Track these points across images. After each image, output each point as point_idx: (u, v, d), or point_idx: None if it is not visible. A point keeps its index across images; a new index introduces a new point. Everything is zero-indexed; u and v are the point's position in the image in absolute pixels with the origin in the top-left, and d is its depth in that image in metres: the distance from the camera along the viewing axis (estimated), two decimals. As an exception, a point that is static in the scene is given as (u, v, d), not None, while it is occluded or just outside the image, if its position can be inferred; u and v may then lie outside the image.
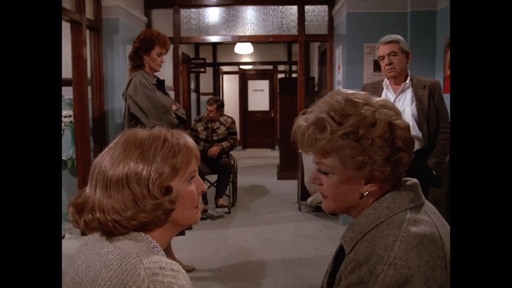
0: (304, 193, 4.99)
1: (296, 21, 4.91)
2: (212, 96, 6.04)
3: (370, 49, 4.15)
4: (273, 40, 5.08)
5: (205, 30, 5.02)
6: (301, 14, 4.85)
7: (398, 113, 0.97)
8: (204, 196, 4.50)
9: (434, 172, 2.55)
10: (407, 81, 2.56)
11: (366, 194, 0.96)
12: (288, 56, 8.29)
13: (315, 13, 4.95)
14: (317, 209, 4.89)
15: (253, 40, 5.19)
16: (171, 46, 5.53)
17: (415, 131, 2.50)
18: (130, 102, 2.78)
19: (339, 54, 4.57)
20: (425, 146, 2.53)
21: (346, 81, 4.22)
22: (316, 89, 6.55)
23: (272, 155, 9.24)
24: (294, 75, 8.98)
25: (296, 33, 4.93)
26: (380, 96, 2.59)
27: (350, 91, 1.00)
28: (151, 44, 2.82)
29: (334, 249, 1.08)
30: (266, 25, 4.99)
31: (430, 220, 0.92)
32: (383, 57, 2.53)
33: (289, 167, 6.67)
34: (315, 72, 6.71)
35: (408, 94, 2.54)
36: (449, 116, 2.63)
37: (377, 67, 4.18)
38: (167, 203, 0.89)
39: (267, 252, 3.60)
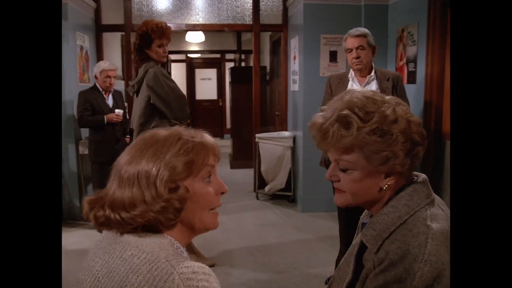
0: (261, 182, 5.05)
1: (251, 11, 4.89)
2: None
3: (327, 40, 4.25)
4: (228, 29, 5.03)
5: (158, 17, 4.86)
6: (256, 3, 4.84)
7: (410, 110, 1.02)
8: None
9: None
10: (372, 73, 2.66)
11: (385, 187, 1.00)
12: (238, 45, 8.25)
13: (270, 3, 4.96)
14: (274, 197, 4.98)
15: (208, 29, 5.10)
16: (121, 34, 5.34)
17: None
18: (151, 93, 2.69)
19: (294, 44, 4.63)
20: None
21: (303, 71, 4.30)
22: (267, 78, 6.59)
23: (222, 144, 9.22)
24: (243, 64, 8.98)
25: (251, 23, 4.92)
26: (346, 87, 2.68)
27: (363, 90, 1.04)
28: (149, 38, 2.75)
29: (296, 236, 1.10)
30: (220, 13, 4.93)
31: (444, 214, 0.99)
32: (351, 50, 2.61)
33: (242, 156, 6.70)
34: (266, 61, 6.75)
35: (373, 85, 2.65)
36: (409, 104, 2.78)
37: (333, 58, 4.31)
38: (175, 201, 0.86)
39: (231, 242, 3.62)
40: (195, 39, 7.91)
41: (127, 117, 4.02)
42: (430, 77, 3.40)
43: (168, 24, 2.88)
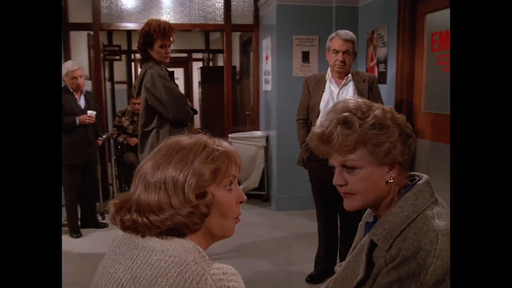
0: (234, 182, 5.06)
1: (222, 10, 4.89)
2: (131, 86, 5.78)
3: (299, 40, 4.31)
4: (199, 29, 5.00)
5: (127, 16, 4.77)
6: (227, 3, 4.85)
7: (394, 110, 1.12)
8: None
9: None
10: (349, 75, 2.73)
11: (391, 180, 1.07)
12: (206, 44, 8.20)
13: (241, 3, 4.98)
14: (247, 197, 4.94)
15: (178, 28, 5.03)
16: (87, 33, 5.19)
17: (358, 121, 2.69)
18: (148, 94, 2.66)
19: (266, 44, 4.66)
20: (366, 134, 2.74)
21: (276, 72, 4.34)
22: (237, 77, 6.60)
23: (190, 144, 9.15)
24: (211, 63, 8.93)
25: (222, 22, 4.91)
26: (324, 88, 2.74)
27: (351, 98, 1.16)
28: (151, 38, 2.70)
29: (274, 235, 1.14)
30: (191, 13, 4.89)
31: (447, 212, 1.05)
32: (337, 52, 2.65)
33: (213, 156, 6.68)
34: (236, 61, 6.76)
35: (350, 87, 2.72)
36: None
37: (305, 58, 4.37)
38: (203, 207, 0.89)
39: (209, 243, 3.61)
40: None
41: (99, 119, 3.93)
42: (401, 77, 3.52)
43: (140, 23, 2.85)
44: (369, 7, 4.07)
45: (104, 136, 4.30)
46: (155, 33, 2.69)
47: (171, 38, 2.76)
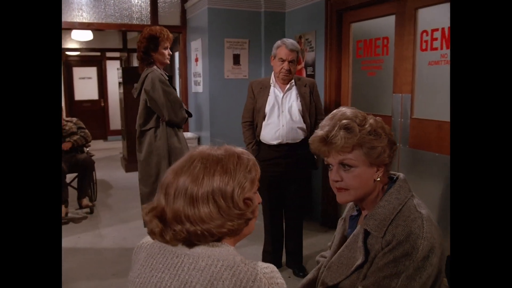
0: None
1: (148, 10, 4.82)
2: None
3: (230, 43, 4.43)
4: (126, 29, 4.88)
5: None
6: (154, 4, 4.79)
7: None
8: (65, 199, 4.13)
9: (315, 156, 3.00)
10: (292, 80, 2.92)
11: (378, 179, 1.27)
12: (124, 44, 7.93)
13: (167, 4, 4.95)
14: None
15: (104, 28, 4.85)
16: None
17: (301, 123, 2.89)
18: (148, 97, 2.88)
19: (196, 46, 4.71)
20: (308, 135, 2.95)
21: (208, 73, 4.41)
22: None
23: (107, 147, 8.78)
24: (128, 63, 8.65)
25: (149, 23, 4.84)
26: (268, 92, 2.90)
27: (348, 108, 1.33)
28: (157, 41, 2.91)
29: None
30: (115, 12, 4.75)
31: (422, 202, 1.26)
32: (284, 61, 2.81)
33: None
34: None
35: (293, 92, 2.91)
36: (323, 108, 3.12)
37: (236, 61, 4.50)
38: (249, 212, 1.00)
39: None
40: (83, 37, 7.38)
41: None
42: (329, 80, 3.82)
43: (65, 21, 2.85)
44: (296, 13, 4.32)
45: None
46: (161, 35, 2.92)
47: (171, 41, 2.99)
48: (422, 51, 2.96)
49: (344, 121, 1.23)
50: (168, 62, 3.05)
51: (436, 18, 2.84)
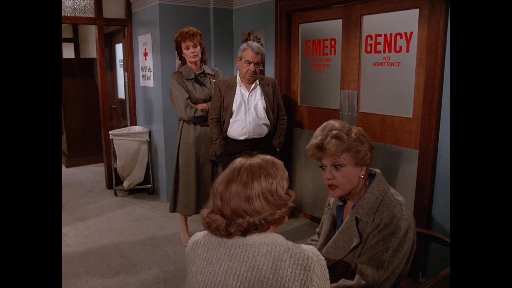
0: (117, 179, 5.04)
1: (92, 2, 4.73)
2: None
3: (181, 39, 4.52)
4: (69, 23, 4.74)
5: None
6: (98, -4, 4.71)
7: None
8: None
9: (277, 149, 3.30)
10: (256, 80, 3.16)
11: (362, 176, 1.61)
12: (75, 35, 7.56)
13: (110, -4, 4.87)
14: (132, 192, 5.04)
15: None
16: None
17: (266, 120, 3.16)
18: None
19: (145, 41, 4.73)
20: (271, 130, 3.23)
21: (160, 68, 4.47)
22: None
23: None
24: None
25: (94, 16, 4.76)
26: (235, 91, 3.13)
27: (335, 120, 1.66)
28: (178, 44, 3.41)
29: (176, 226, 1.47)
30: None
31: (396, 191, 1.63)
32: (250, 62, 3.03)
33: (78, 153, 6.38)
34: (93, 53, 6.48)
35: (258, 91, 3.16)
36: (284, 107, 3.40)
37: (187, 56, 4.61)
38: (291, 202, 1.28)
39: (118, 242, 3.67)
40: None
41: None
42: (280, 77, 4.11)
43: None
44: (243, 11, 4.53)
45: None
46: (179, 37, 3.37)
47: (194, 40, 3.35)
48: (367, 53, 3.36)
49: (334, 131, 1.56)
50: (193, 59, 3.39)
51: (379, 25, 3.24)
